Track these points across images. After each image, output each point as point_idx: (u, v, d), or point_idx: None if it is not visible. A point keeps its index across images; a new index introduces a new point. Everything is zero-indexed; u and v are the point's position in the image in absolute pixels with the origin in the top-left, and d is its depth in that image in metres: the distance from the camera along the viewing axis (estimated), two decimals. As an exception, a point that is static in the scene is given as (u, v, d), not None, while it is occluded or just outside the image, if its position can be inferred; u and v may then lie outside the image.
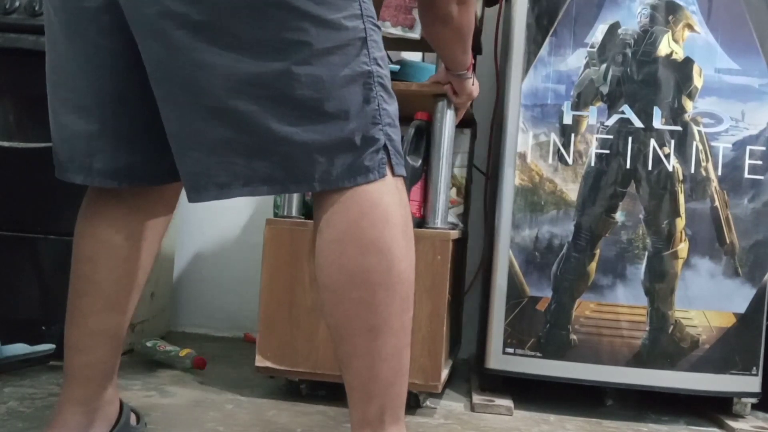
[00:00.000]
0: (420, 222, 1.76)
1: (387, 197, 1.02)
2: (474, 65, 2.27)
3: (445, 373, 1.75)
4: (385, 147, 1.02)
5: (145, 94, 1.05)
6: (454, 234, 1.79)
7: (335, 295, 1.01)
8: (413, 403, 1.71)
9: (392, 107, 1.06)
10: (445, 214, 1.75)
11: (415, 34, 1.84)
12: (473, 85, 1.66)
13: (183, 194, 1.13)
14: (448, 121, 1.74)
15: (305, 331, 1.69)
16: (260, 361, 1.70)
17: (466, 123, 1.98)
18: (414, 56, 2.37)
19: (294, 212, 1.77)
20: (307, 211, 1.78)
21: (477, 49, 2.25)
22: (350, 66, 0.99)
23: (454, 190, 2.00)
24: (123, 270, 1.17)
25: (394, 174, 1.04)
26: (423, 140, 1.80)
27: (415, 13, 1.85)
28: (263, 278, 1.71)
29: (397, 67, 1.98)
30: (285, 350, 1.69)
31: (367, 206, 1.00)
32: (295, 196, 1.77)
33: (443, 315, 1.67)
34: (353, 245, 0.99)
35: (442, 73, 1.65)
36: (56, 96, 1.12)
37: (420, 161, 1.80)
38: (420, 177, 1.80)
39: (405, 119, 1.85)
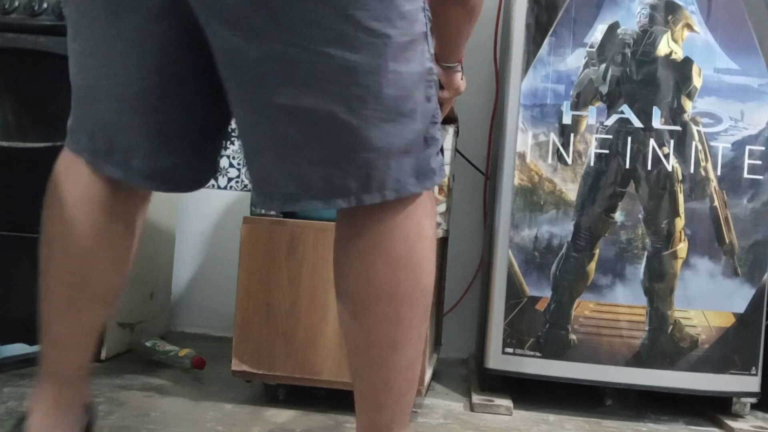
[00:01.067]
0: None
1: (420, 208, 0.97)
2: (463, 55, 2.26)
3: (428, 376, 1.73)
4: (441, 149, 0.99)
5: (194, 88, 0.98)
6: (438, 233, 1.74)
7: (358, 307, 0.97)
8: None
9: (438, 107, 1.01)
10: None
11: None
12: (462, 80, 1.61)
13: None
14: None
15: (283, 333, 1.64)
16: (236, 365, 1.65)
17: (448, 120, 1.96)
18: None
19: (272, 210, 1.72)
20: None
21: None
22: (419, 61, 0.94)
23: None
24: (107, 260, 1.09)
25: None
26: None
27: None
28: (239, 278, 1.66)
29: None
30: (262, 354, 1.64)
31: (401, 216, 0.95)
32: None
33: (425, 321, 1.65)
34: (383, 259, 0.95)
35: None
36: (90, 81, 1.00)
37: None
38: None
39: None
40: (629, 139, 1.82)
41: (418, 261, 0.97)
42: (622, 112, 1.82)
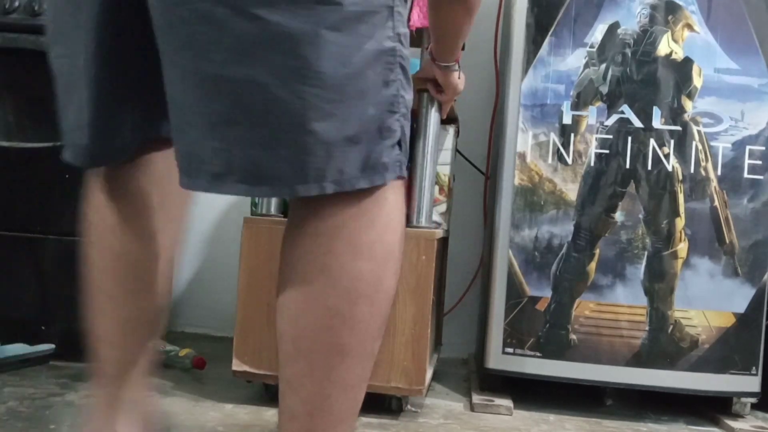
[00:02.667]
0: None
1: (392, 197, 0.85)
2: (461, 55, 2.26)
3: (429, 376, 1.72)
4: (399, 142, 0.84)
5: (147, 48, 0.88)
6: (439, 233, 1.75)
7: (306, 298, 0.82)
8: (395, 408, 1.69)
9: (409, 96, 0.87)
10: (429, 213, 1.71)
11: None
12: (459, 79, 1.59)
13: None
14: (432, 117, 1.70)
15: None
16: (237, 365, 1.64)
17: (449, 120, 1.96)
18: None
19: (273, 210, 1.71)
20: (287, 209, 1.68)
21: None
22: (376, 38, 0.80)
23: (436, 188, 1.91)
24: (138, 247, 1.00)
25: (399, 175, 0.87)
26: None
27: None
28: (240, 279, 1.65)
29: None
30: (263, 354, 1.63)
31: (369, 202, 0.82)
32: None
33: (428, 317, 1.62)
34: (345, 244, 0.81)
35: (427, 68, 1.59)
36: (54, 55, 0.95)
37: None
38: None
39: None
40: (629, 139, 1.82)
41: (384, 255, 0.83)
42: (622, 112, 1.82)
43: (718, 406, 1.85)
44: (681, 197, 1.81)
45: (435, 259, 1.65)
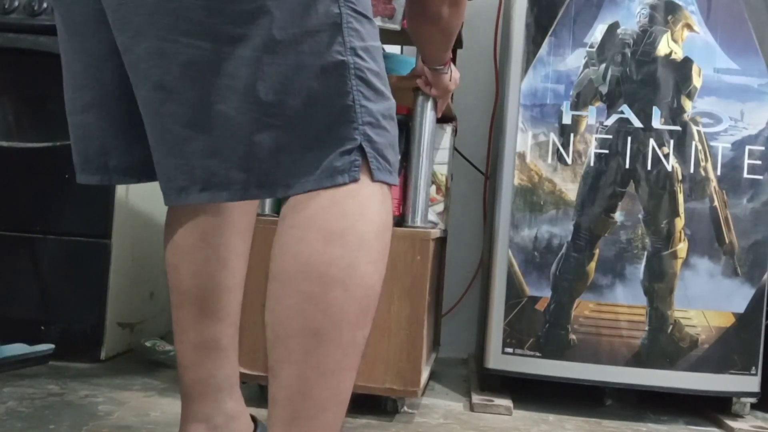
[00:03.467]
0: (399, 221, 1.69)
1: (365, 191, 0.89)
2: (454, 59, 2.25)
3: (424, 377, 1.70)
4: (360, 148, 0.89)
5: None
6: (435, 233, 1.73)
7: (282, 286, 0.87)
8: (391, 409, 1.67)
9: (377, 105, 0.91)
10: (425, 213, 1.69)
11: (396, 25, 1.78)
12: (450, 80, 1.59)
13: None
14: (428, 115, 1.68)
15: None
16: None
17: (446, 119, 1.94)
18: (393, 49, 2.33)
19: (267, 210, 1.70)
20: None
21: (458, 43, 2.17)
22: (319, 55, 0.87)
23: (433, 187, 1.93)
24: (205, 273, 1.10)
25: (372, 179, 0.90)
26: (402, 136, 1.72)
27: (395, 3, 1.79)
28: None
29: None
30: (257, 354, 1.59)
31: (341, 196, 0.87)
32: None
33: (423, 317, 1.60)
34: (316, 232, 0.86)
35: (419, 66, 1.60)
36: (67, 95, 1.06)
37: (399, 158, 1.75)
38: (399, 174, 1.71)
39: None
40: (629, 139, 1.82)
41: (357, 241, 0.87)
42: (621, 112, 1.83)
43: (717, 406, 1.85)
44: (681, 197, 1.81)
45: (431, 260, 1.63)
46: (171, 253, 1.12)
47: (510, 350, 1.84)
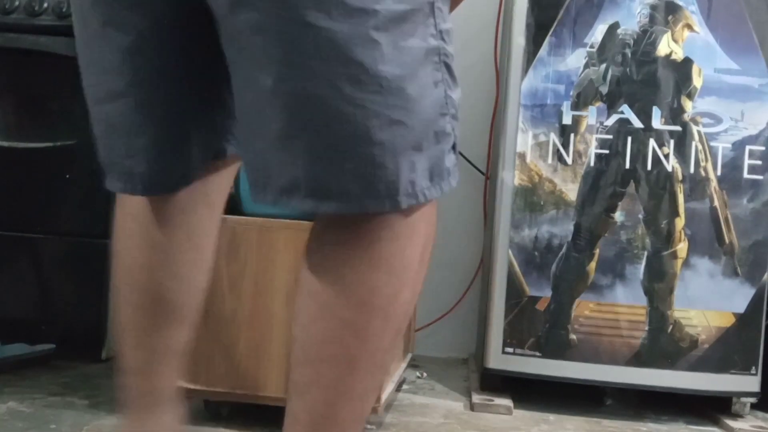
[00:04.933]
0: None
1: (426, 214, 0.81)
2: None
3: (387, 391, 1.56)
4: (454, 146, 0.81)
5: (188, 71, 0.86)
6: None
7: (320, 308, 0.79)
8: None
9: (457, 95, 0.82)
10: None
11: None
12: None
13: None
14: None
15: (223, 344, 1.47)
16: None
17: None
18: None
19: None
20: (229, 206, 1.56)
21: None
22: (421, 36, 0.77)
23: None
24: (173, 270, 0.99)
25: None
26: None
27: None
28: None
29: None
30: (199, 367, 1.46)
31: (393, 216, 0.78)
32: None
33: None
34: (362, 255, 0.78)
35: None
36: (88, 81, 0.91)
37: None
38: None
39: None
40: (629, 139, 1.82)
41: (404, 268, 0.80)
42: (622, 112, 1.83)
43: (717, 405, 1.85)
44: (681, 197, 1.81)
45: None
46: (129, 243, 0.97)
47: (510, 350, 1.84)
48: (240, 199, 1.58)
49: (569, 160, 1.84)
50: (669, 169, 1.82)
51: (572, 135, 1.84)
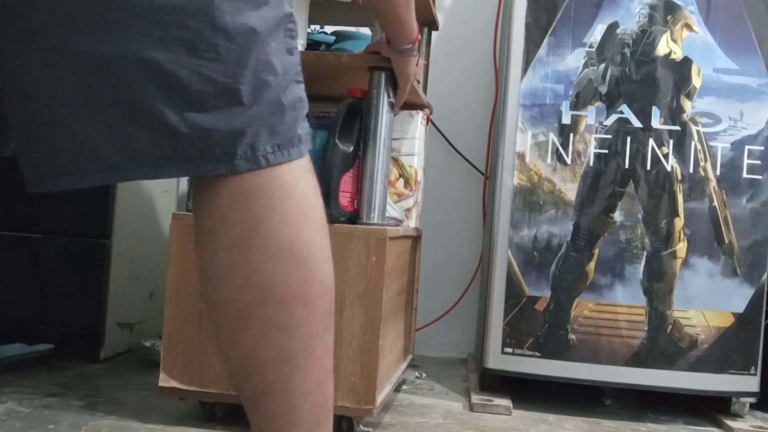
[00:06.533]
0: (353, 217, 1.53)
1: (302, 182, 0.78)
2: (429, 42, 2.19)
3: (384, 393, 1.53)
4: (307, 114, 0.80)
5: None
6: (394, 231, 1.56)
7: (238, 317, 0.76)
8: (346, 428, 1.48)
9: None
10: (382, 209, 1.54)
11: None
12: (417, 66, 1.41)
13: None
14: (384, 99, 1.50)
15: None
16: (164, 380, 1.47)
17: (416, 106, 1.80)
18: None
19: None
20: None
21: (432, 24, 2.09)
22: (272, 4, 0.75)
23: (401, 181, 1.80)
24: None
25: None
26: (357, 121, 1.54)
27: None
28: (168, 283, 1.48)
29: (333, 38, 1.87)
30: (193, 368, 1.45)
31: (279, 196, 0.76)
32: None
33: (378, 326, 1.43)
34: (261, 250, 0.75)
35: (380, 45, 1.44)
36: None
37: (353, 146, 1.52)
38: (353, 164, 1.53)
39: (335, 97, 1.59)
40: (628, 139, 1.82)
41: (307, 249, 0.77)
42: (621, 112, 1.83)
43: (717, 405, 1.85)
44: (680, 197, 1.81)
45: (388, 261, 1.47)
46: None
47: (509, 350, 1.84)
48: None
49: (568, 160, 1.84)
50: (668, 168, 1.82)
51: (571, 135, 1.84)
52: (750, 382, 1.81)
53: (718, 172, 1.82)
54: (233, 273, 0.76)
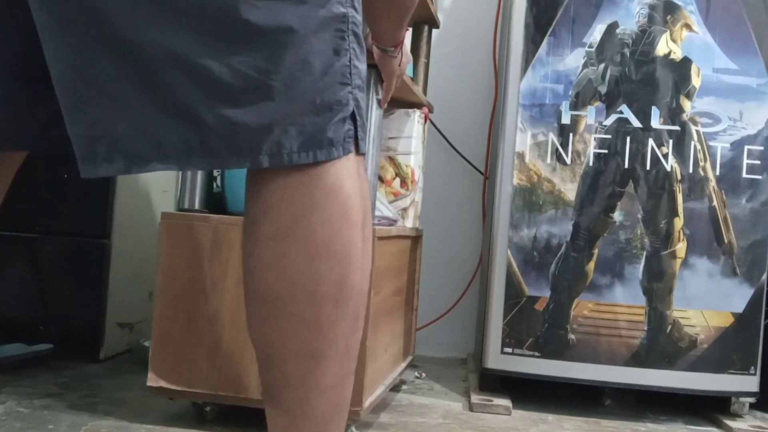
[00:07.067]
0: None
1: (348, 183, 0.78)
2: (430, 40, 2.14)
3: (375, 395, 1.52)
4: (353, 115, 0.79)
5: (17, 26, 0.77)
6: (386, 231, 1.55)
7: (268, 307, 0.78)
8: None
9: (364, 65, 0.81)
10: (372, 207, 1.51)
11: None
12: (399, 65, 1.40)
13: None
14: (374, 94, 1.49)
15: (206, 345, 1.43)
16: (153, 380, 1.44)
17: (413, 104, 1.77)
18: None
19: (197, 204, 1.53)
20: (214, 204, 1.55)
21: (432, 23, 2.08)
22: (321, 3, 0.75)
23: (398, 180, 1.80)
24: None
25: (358, 151, 0.81)
26: None
27: None
28: (157, 282, 1.46)
29: None
30: (182, 367, 1.44)
31: (322, 195, 0.77)
32: (199, 185, 1.52)
33: (366, 327, 1.41)
34: (299, 245, 0.76)
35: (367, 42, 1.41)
36: None
37: None
38: None
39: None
40: (628, 138, 1.82)
41: (345, 250, 0.78)
42: (621, 112, 1.83)
43: (716, 405, 1.85)
44: (680, 197, 1.81)
45: (378, 260, 1.44)
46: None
47: (509, 350, 1.84)
48: (226, 197, 1.53)
49: (568, 160, 1.84)
50: (668, 168, 1.82)
51: (571, 135, 1.84)
52: (749, 382, 1.81)
53: (717, 172, 1.82)
54: (269, 264, 0.77)
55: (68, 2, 0.70)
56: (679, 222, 1.81)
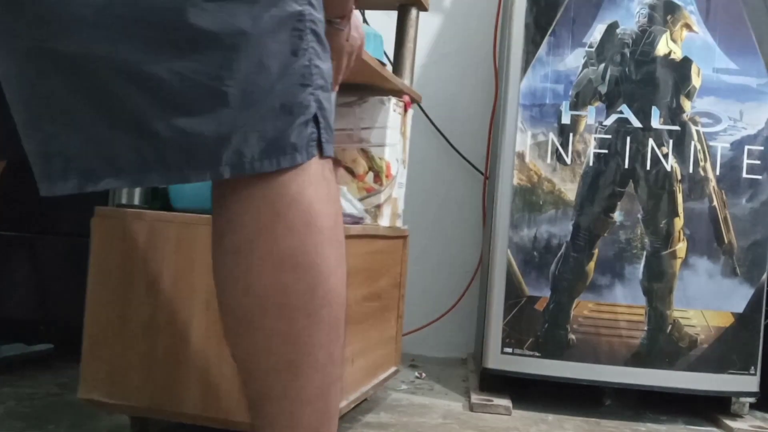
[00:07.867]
0: None
1: (310, 190, 0.75)
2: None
3: (344, 404, 1.39)
4: (315, 118, 0.75)
5: None
6: (356, 229, 1.45)
7: (241, 323, 0.77)
8: None
9: (326, 65, 0.78)
10: None
11: None
12: (346, 40, 1.27)
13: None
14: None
15: (140, 353, 1.29)
16: (84, 392, 1.30)
17: (388, 91, 1.67)
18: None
19: (136, 200, 1.43)
20: (154, 200, 1.46)
21: (420, 5, 1.90)
22: (274, 3, 0.72)
23: (371, 174, 1.69)
24: None
25: (322, 155, 0.77)
26: None
27: None
28: (89, 284, 1.33)
29: None
30: (115, 378, 1.29)
31: (284, 204, 0.74)
32: None
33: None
34: (264, 258, 0.74)
35: None
36: None
37: None
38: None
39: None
40: (628, 138, 1.82)
41: (311, 259, 0.76)
42: (621, 112, 1.83)
43: (716, 405, 1.85)
44: (680, 197, 1.81)
45: (345, 263, 1.33)
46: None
47: (509, 350, 1.84)
48: (169, 193, 1.41)
49: (568, 160, 1.84)
50: (668, 168, 1.82)
51: (571, 135, 1.84)
52: (750, 382, 1.81)
53: (717, 172, 1.82)
54: (236, 279, 0.76)
55: (16, 16, 0.67)
56: (679, 222, 1.81)
